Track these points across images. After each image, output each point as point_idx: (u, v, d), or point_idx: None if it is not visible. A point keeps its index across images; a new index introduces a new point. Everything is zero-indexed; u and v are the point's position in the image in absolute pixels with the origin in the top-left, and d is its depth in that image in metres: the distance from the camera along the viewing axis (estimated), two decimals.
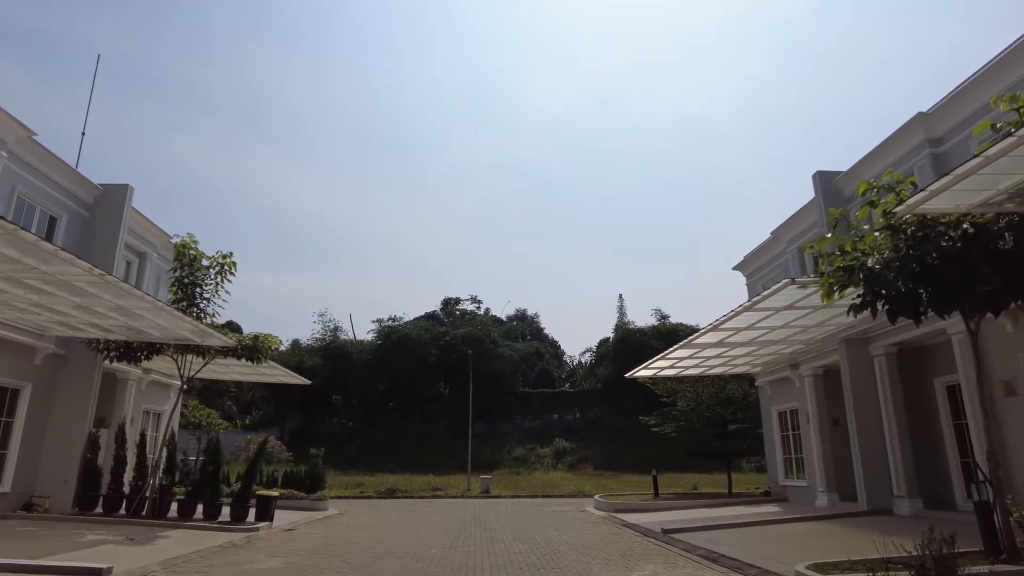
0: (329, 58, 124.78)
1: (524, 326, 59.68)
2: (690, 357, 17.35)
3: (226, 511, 15.73)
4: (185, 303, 16.35)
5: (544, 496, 29.03)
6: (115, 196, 17.40)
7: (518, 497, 28.84)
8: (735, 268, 23.12)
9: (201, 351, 16.11)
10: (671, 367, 18.85)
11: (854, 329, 15.17)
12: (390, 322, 51.81)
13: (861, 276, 9.15)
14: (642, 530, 15.31)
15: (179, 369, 16.41)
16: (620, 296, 59.02)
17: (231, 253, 16.98)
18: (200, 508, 15.72)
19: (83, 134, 25.57)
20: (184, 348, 16.14)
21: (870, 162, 15.74)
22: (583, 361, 58.41)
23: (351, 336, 54.06)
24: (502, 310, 59.98)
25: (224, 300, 17.77)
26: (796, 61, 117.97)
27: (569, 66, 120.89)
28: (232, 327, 54.82)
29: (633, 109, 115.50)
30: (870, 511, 14.98)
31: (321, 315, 57.81)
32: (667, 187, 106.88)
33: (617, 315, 54.81)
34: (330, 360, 48.72)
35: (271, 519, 16.14)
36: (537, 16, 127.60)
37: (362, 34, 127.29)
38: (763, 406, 21.91)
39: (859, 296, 9.45)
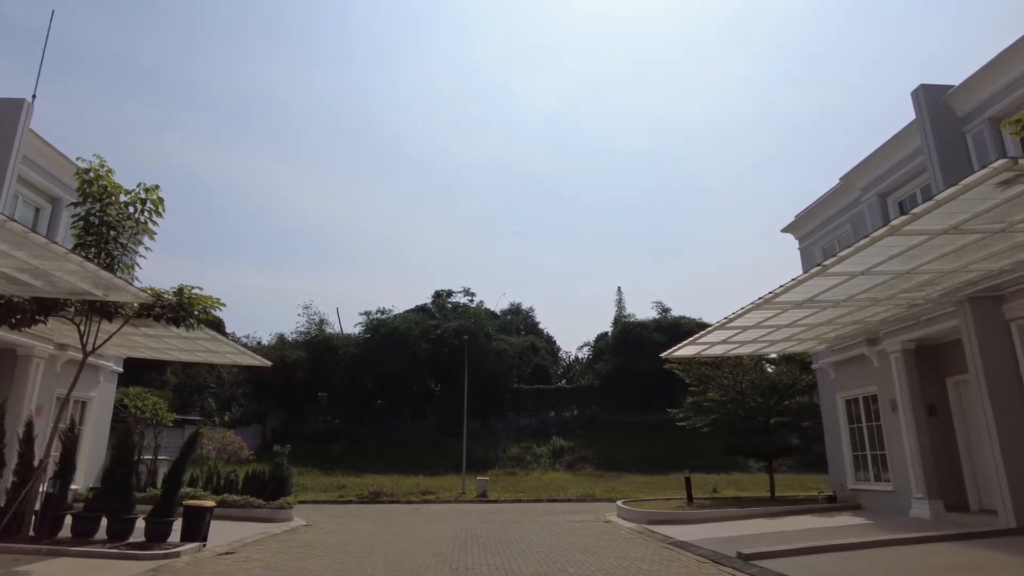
0: (317, 55, 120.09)
1: (519, 320, 54.87)
2: (756, 326, 12.85)
3: (144, 526, 11.07)
4: (94, 250, 11.67)
5: (549, 500, 24.35)
6: (4, 114, 12.66)
7: (519, 502, 24.16)
8: (784, 230, 18.61)
9: (108, 312, 11.39)
10: (723, 342, 14.33)
11: (994, 279, 10.73)
12: (378, 315, 46.88)
13: None
14: (704, 552, 10.79)
15: (81, 337, 11.66)
16: (619, 289, 54.23)
17: (157, 186, 12.31)
18: (105, 524, 11.03)
19: (34, 97, 21.46)
20: (89, 309, 11.44)
21: (996, 69, 11.42)
22: (580, 357, 53.80)
23: (338, 330, 49.11)
24: (496, 303, 55.34)
25: (148, 249, 13.16)
26: (790, 60, 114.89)
27: (561, 64, 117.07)
28: (213, 322, 50.04)
29: (626, 107, 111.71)
30: (1021, 528, 10.50)
31: (306, 308, 52.81)
32: (662, 184, 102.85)
33: (616, 308, 50.29)
34: (315, 354, 43.80)
35: (204, 538, 11.46)
36: (527, 14, 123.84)
37: (350, 31, 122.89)
38: (823, 393, 17.41)
39: None
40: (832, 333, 14.45)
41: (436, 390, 46.10)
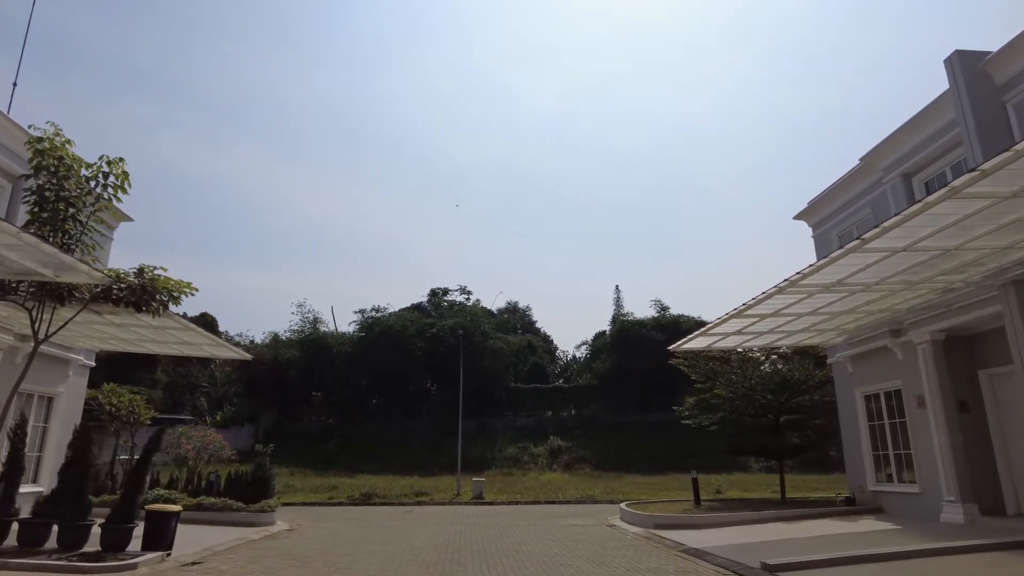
0: (317, 55, 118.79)
1: (516, 319, 53.49)
2: (776, 314, 11.62)
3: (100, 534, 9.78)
4: (49, 227, 10.40)
5: (547, 502, 23.08)
6: None
7: (517, 503, 22.89)
8: (797, 217, 17.39)
9: (61, 295, 10.11)
10: (738, 332, 13.10)
11: None
12: (373, 313, 45.50)
13: None
14: (723, 561, 9.55)
15: (32, 323, 10.37)
16: (616, 287, 52.84)
17: (121, 159, 11.03)
18: (56, 532, 9.75)
19: (15, 84, 20.28)
20: (40, 291, 10.16)
21: None
22: (577, 356, 52.46)
23: (332, 328, 47.68)
24: (493, 302, 54.00)
25: (111, 227, 11.87)
26: (790, 60, 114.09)
27: (561, 64, 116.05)
28: (206, 320, 48.58)
29: (626, 107, 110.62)
30: None
31: (300, 306, 51.25)
32: (662, 184, 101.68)
33: (614, 307, 48.89)
34: (309, 353, 42.41)
35: (169, 546, 10.19)
36: (527, 14, 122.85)
37: (351, 31, 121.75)
38: (840, 389, 16.18)
39: None
40: (854, 323, 13.25)
41: (432, 389, 44.79)
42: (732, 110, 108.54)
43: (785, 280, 9.58)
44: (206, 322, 45.78)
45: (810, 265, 9.02)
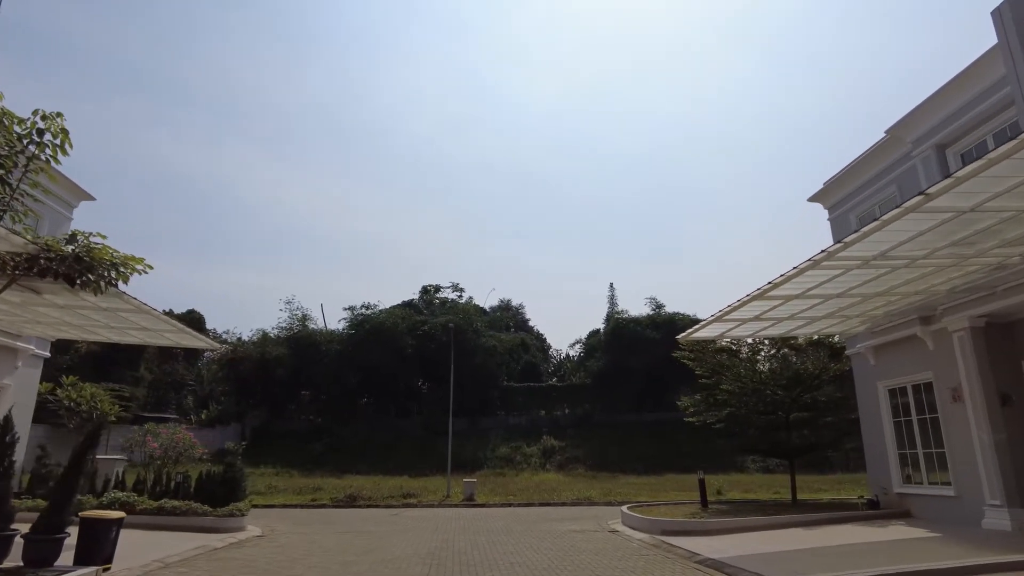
0: (312, 54, 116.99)
1: (509, 317, 51.94)
2: (802, 295, 10.16)
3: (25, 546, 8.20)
4: None
5: (542, 504, 21.57)
6: None
7: (510, 505, 21.37)
8: (812, 199, 15.94)
9: None
10: (756, 318, 11.64)
11: None
12: (363, 310, 43.81)
13: None
14: None
15: None
16: (611, 285, 51.53)
17: (59, 114, 9.44)
18: None
19: None
20: None
21: None
22: (571, 355, 50.99)
23: (321, 325, 45.95)
24: (485, 299, 52.50)
25: (48, 191, 10.26)
26: (788, 62, 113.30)
27: (560, 64, 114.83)
28: (193, 317, 46.70)
29: (626, 107, 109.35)
30: None
31: (288, 303, 49.44)
32: (662, 184, 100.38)
33: (608, 305, 47.55)
34: (297, 351, 40.69)
35: (108, 559, 8.60)
36: (527, 14, 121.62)
37: (345, 30, 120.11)
38: (861, 382, 14.73)
39: None
40: (884, 308, 11.81)
41: (423, 388, 43.15)
42: (732, 110, 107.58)
43: (822, 252, 8.13)
44: (193, 319, 43.91)
45: (856, 231, 7.58)
